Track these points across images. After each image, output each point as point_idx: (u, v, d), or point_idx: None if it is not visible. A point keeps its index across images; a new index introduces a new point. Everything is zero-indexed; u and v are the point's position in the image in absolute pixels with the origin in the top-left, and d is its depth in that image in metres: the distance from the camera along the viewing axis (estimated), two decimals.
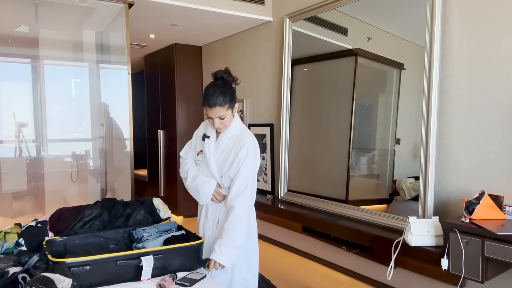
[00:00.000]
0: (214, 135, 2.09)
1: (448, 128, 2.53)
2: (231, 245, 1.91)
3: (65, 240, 1.89)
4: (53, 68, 3.82)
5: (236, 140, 2.02)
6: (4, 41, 3.53)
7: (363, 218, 2.94)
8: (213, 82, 2.01)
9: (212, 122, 1.98)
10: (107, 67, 3.84)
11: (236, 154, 1.98)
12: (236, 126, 2.06)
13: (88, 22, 3.69)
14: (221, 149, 2.04)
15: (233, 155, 2.00)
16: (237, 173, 1.98)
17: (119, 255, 1.70)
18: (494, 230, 1.93)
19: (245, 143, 1.98)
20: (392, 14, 2.98)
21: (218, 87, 1.95)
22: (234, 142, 2.02)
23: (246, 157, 1.97)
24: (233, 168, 1.99)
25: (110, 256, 1.69)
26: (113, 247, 1.99)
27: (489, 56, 2.33)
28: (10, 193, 3.52)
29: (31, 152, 3.55)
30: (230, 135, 2.04)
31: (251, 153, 1.99)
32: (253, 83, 4.37)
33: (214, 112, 1.93)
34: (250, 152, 1.98)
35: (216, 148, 2.06)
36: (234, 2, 3.74)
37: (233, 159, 1.99)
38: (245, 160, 1.97)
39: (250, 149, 1.99)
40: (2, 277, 1.49)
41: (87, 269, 1.63)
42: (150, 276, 1.72)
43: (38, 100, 3.58)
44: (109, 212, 2.09)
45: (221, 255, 1.88)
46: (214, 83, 1.99)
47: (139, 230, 2.01)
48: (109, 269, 1.68)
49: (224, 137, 2.05)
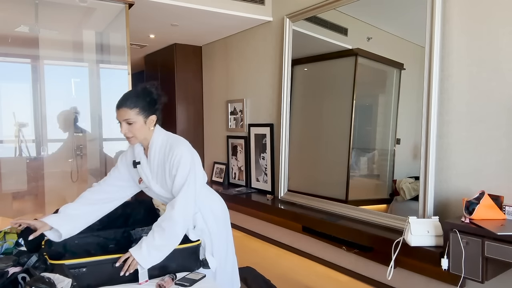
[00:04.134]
0: (144, 158, 1.92)
1: (448, 128, 2.52)
2: (153, 244, 1.70)
3: (65, 240, 1.89)
4: (53, 68, 3.81)
5: (165, 151, 1.86)
6: (4, 41, 3.53)
7: (363, 218, 2.94)
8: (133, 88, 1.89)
9: (120, 128, 1.81)
10: (107, 67, 3.84)
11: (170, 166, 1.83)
12: (159, 138, 1.89)
13: (88, 22, 3.69)
14: (156, 168, 1.89)
15: (168, 168, 1.84)
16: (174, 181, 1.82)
17: (115, 257, 1.68)
18: (494, 230, 1.93)
19: (175, 150, 1.83)
20: (392, 14, 2.98)
21: (134, 91, 1.84)
22: (164, 154, 1.86)
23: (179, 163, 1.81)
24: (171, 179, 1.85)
25: (107, 258, 1.67)
26: (112, 247, 1.99)
27: (489, 56, 2.33)
28: (10, 193, 3.52)
29: (31, 152, 3.55)
30: (158, 149, 1.88)
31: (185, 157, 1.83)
32: (253, 83, 4.37)
33: (120, 113, 1.79)
34: (183, 156, 1.82)
35: (151, 169, 1.90)
36: (234, 2, 3.74)
37: (169, 172, 1.85)
38: (179, 166, 1.81)
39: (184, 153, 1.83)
40: (2, 277, 1.49)
41: (83, 271, 1.61)
42: (148, 277, 1.71)
43: (38, 100, 3.58)
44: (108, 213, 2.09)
45: (139, 251, 1.68)
46: (133, 88, 1.88)
47: (138, 230, 2.00)
48: (105, 270, 1.66)
49: (152, 154, 1.89)
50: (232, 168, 4.76)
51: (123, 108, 1.79)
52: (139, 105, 1.80)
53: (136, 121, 1.80)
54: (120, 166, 2.01)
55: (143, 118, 1.82)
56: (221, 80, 4.94)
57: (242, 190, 4.32)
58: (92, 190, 1.99)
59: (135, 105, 1.79)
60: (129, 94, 1.84)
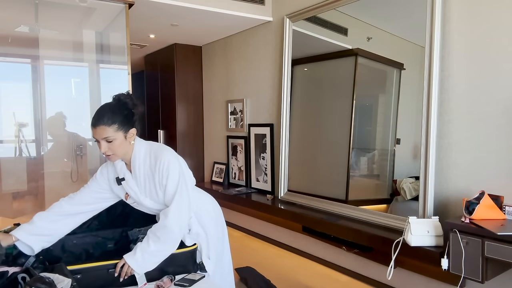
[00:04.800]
0: (128, 173, 1.83)
1: (448, 128, 2.52)
2: (148, 250, 1.68)
3: (63, 239, 1.89)
4: (53, 68, 3.81)
5: (150, 161, 1.78)
6: (4, 41, 3.53)
7: (363, 218, 2.94)
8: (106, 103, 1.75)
9: (100, 146, 1.69)
10: (107, 67, 3.84)
11: (159, 177, 1.77)
12: (141, 151, 1.80)
13: (88, 22, 3.69)
14: (143, 182, 1.81)
15: (158, 179, 1.78)
16: (165, 189, 1.77)
17: (110, 263, 1.66)
18: (494, 230, 1.93)
19: (161, 158, 1.75)
20: (392, 14, 2.98)
21: (109, 106, 1.71)
22: (150, 166, 1.78)
23: (169, 171, 1.75)
24: (162, 189, 1.79)
25: (101, 264, 1.65)
26: (111, 247, 1.99)
27: (489, 56, 2.33)
28: (10, 193, 3.52)
29: (31, 152, 3.55)
30: (142, 164, 1.79)
31: (173, 164, 1.77)
32: (253, 83, 4.37)
33: (98, 132, 1.66)
34: (171, 163, 1.76)
35: (138, 184, 1.82)
36: (234, 2, 3.74)
37: (159, 181, 1.78)
38: (169, 175, 1.75)
39: (170, 160, 1.77)
40: (2, 277, 1.49)
41: (78, 278, 1.59)
42: (146, 281, 1.71)
43: (38, 100, 3.58)
44: (107, 212, 2.09)
45: (133, 257, 1.66)
46: (106, 103, 1.74)
47: (135, 231, 2.00)
48: (100, 276, 1.64)
49: (137, 169, 1.80)
50: (232, 168, 4.76)
51: (101, 126, 1.66)
52: (116, 121, 1.68)
53: (116, 138, 1.69)
54: (100, 180, 1.90)
55: (122, 134, 1.71)
56: (221, 80, 4.94)
57: (242, 190, 4.32)
58: (69, 201, 1.87)
59: (113, 121, 1.67)
60: (104, 109, 1.70)
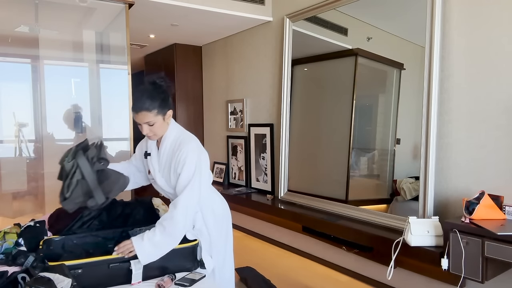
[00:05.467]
0: (155, 150, 1.97)
1: (448, 128, 2.52)
2: (153, 239, 1.71)
3: (63, 239, 1.88)
4: (53, 68, 3.81)
5: (174, 148, 1.88)
6: (4, 41, 3.53)
7: (363, 218, 2.94)
8: (142, 86, 1.85)
9: (141, 129, 1.85)
10: (107, 67, 3.83)
11: (175, 162, 1.85)
12: (173, 134, 1.92)
13: (88, 22, 3.69)
14: (164, 162, 1.93)
15: (174, 164, 1.87)
16: (178, 179, 1.83)
17: (111, 258, 1.67)
18: (494, 230, 1.93)
19: (182, 148, 1.84)
20: (392, 14, 2.98)
21: (146, 91, 1.81)
22: (173, 151, 1.88)
23: (185, 162, 1.81)
24: (176, 177, 1.86)
25: (102, 259, 1.67)
26: (111, 247, 1.98)
27: (489, 56, 2.33)
28: (10, 193, 3.52)
29: (31, 152, 3.55)
30: (169, 146, 1.91)
31: (191, 157, 1.83)
32: (253, 83, 4.37)
33: (140, 117, 1.80)
34: (189, 156, 1.82)
35: (159, 162, 1.94)
36: (234, 2, 3.74)
37: (175, 168, 1.86)
38: (184, 165, 1.81)
39: (190, 153, 1.83)
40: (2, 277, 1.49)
41: (79, 272, 1.60)
42: (141, 279, 1.71)
43: (38, 100, 3.58)
44: (108, 212, 2.09)
45: (140, 242, 1.69)
46: (144, 86, 1.84)
47: (136, 230, 2.00)
48: (101, 272, 1.65)
49: (163, 149, 1.92)
50: (232, 168, 4.76)
51: (142, 112, 1.79)
52: (156, 105, 1.80)
53: (156, 121, 1.82)
54: (137, 153, 2.11)
55: (161, 116, 1.84)
56: (221, 80, 4.94)
57: (242, 190, 4.32)
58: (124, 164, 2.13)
59: (153, 106, 1.79)
60: (144, 95, 1.80)
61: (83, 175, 1.75)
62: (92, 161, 1.79)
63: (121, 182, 1.92)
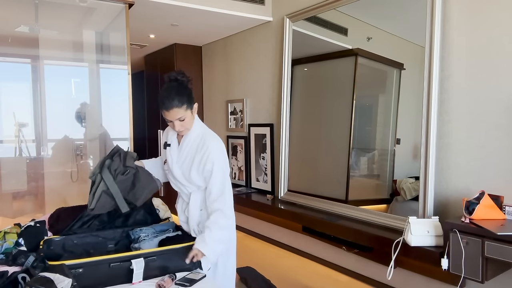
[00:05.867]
0: (176, 142, 2.04)
1: (448, 128, 2.52)
2: (214, 238, 1.86)
3: (63, 239, 1.89)
4: (53, 68, 3.82)
5: (199, 144, 1.96)
6: (4, 41, 3.53)
7: (363, 218, 2.94)
8: (167, 84, 1.93)
9: (173, 126, 1.92)
10: (107, 67, 3.84)
11: (201, 159, 1.93)
12: (197, 129, 2.00)
13: (88, 22, 3.69)
14: (184, 155, 1.99)
15: (198, 160, 1.94)
16: (211, 177, 1.93)
17: (112, 257, 1.68)
18: (494, 230, 1.93)
19: (209, 146, 1.93)
20: (392, 14, 2.98)
21: (173, 88, 1.88)
22: (197, 147, 1.96)
23: (214, 159, 1.92)
24: (200, 173, 1.95)
25: (103, 258, 1.67)
26: (111, 247, 1.99)
27: (489, 56, 2.33)
28: (10, 193, 3.52)
29: (31, 152, 3.55)
30: (192, 140, 1.98)
31: (218, 153, 1.94)
32: (253, 83, 4.37)
33: (172, 114, 1.87)
34: (216, 152, 1.93)
35: (179, 155, 2.01)
36: (234, 2, 3.74)
37: (198, 164, 1.94)
38: (214, 162, 1.91)
39: (216, 149, 1.94)
40: (2, 277, 1.49)
41: (80, 272, 1.60)
42: (141, 279, 1.71)
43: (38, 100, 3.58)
44: (108, 212, 2.09)
45: (204, 244, 1.83)
46: (168, 84, 1.92)
47: (136, 230, 2.00)
48: (102, 271, 1.66)
49: (186, 142, 1.99)
50: (232, 168, 4.76)
51: (174, 109, 1.85)
52: (184, 100, 1.87)
53: (186, 116, 1.90)
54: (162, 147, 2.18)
55: (190, 110, 1.92)
56: (221, 80, 4.94)
57: (242, 190, 4.32)
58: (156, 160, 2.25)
59: (182, 102, 1.86)
60: (173, 93, 1.87)
61: (107, 187, 1.87)
62: (115, 173, 1.89)
63: (151, 187, 2.00)
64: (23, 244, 1.85)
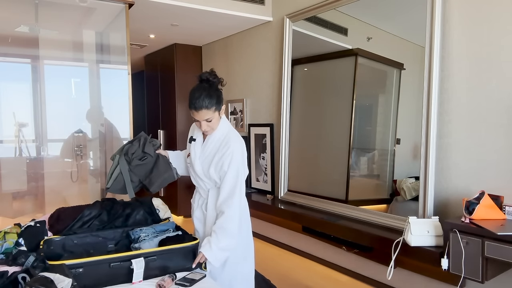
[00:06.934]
0: (201, 137, 2.07)
1: (448, 128, 2.52)
2: (220, 246, 1.88)
3: (63, 239, 1.89)
4: (53, 68, 3.81)
5: (222, 143, 1.98)
6: (4, 41, 3.53)
7: (363, 218, 2.94)
8: (198, 85, 1.95)
9: (199, 125, 1.95)
10: (107, 67, 3.84)
11: (220, 158, 1.95)
12: (223, 128, 2.01)
13: (88, 22, 3.69)
14: (207, 152, 2.02)
15: (217, 159, 1.96)
16: (224, 178, 1.95)
17: (112, 257, 1.68)
18: (494, 230, 1.93)
19: (230, 146, 1.95)
20: (392, 14, 2.98)
21: (204, 90, 1.90)
22: (220, 145, 1.98)
23: (231, 161, 1.93)
24: (217, 171, 1.97)
25: (103, 258, 1.67)
26: (111, 247, 1.99)
27: (489, 56, 2.33)
28: (10, 193, 3.51)
29: (31, 152, 3.55)
30: (216, 138, 2.01)
31: (236, 156, 1.95)
32: (253, 83, 4.37)
33: (200, 115, 1.89)
34: (235, 155, 1.94)
35: (203, 151, 2.04)
36: (234, 2, 3.74)
37: (217, 162, 1.96)
38: (230, 164, 1.93)
39: (236, 152, 1.95)
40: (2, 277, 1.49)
41: (80, 272, 1.61)
42: (142, 278, 1.71)
43: (38, 100, 3.58)
44: (108, 212, 2.09)
45: (210, 251, 1.86)
46: (200, 85, 1.94)
47: (136, 230, 2.00)
48: (102, 271, 1.66)
49: (210, 140, 2.02)
50: None
51: (202, 110, 1.87)
52: (214, 102, 1.89)
53: (214, 117, 1.92)
54: None
55: (218, 112, 1.95)
56: None
57: None
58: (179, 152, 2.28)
59: (211, 104, 1.89)
60: (202, 94, 1.88)
61: (121, 170, 1.96)
62: (131, 157, 1.97)
63: (167, 175, 2.06)
64: (23, 244, 1.84)
